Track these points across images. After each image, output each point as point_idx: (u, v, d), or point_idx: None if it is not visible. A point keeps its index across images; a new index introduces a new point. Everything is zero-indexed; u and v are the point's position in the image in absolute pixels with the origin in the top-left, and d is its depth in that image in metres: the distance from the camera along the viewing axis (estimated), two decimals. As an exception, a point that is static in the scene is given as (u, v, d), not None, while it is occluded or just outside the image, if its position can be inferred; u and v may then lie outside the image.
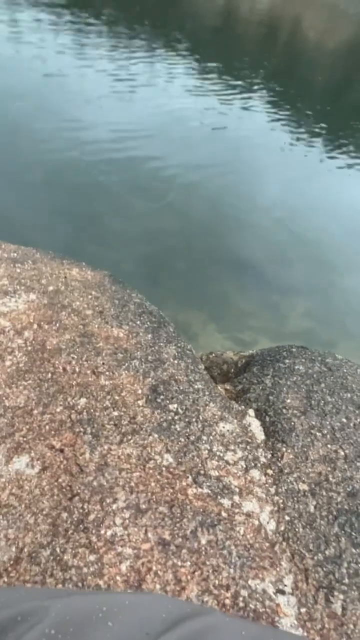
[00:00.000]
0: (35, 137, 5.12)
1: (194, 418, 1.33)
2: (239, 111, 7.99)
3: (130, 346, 1.65)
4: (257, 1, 19.22)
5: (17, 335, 1.57)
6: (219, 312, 4.18)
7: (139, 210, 4.81)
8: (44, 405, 1.27)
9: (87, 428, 1.21)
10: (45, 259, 2.24)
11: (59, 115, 5.70)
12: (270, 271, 4.82)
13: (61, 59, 6.98)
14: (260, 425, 1.42)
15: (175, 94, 7.62)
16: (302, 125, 8.49)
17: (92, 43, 7.90)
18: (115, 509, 1.01)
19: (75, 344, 1.58)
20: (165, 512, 1.02)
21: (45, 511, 0.99)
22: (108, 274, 2.28)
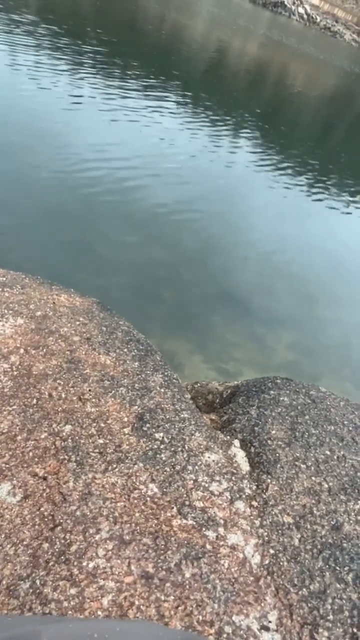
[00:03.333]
0: (25, 165, 5.22)
1: (180, 447, 1.33)
2: (227, 149, 8.32)
3: (117, 373, 1.65)
4: (245, 50, 20.37)
5: (3, 359, 1.56)
6: (205, 343, 4.20)
7: (129, 240, 4.88)
8: (28, 431, 1.25)
9: (71, 455, 1.20)
10: (34, 284, 2.25)
11: (50, 145, 5.84)
12: (256, 303, 4.91)
13: (56, 92, 7.22)
14: (246, 456, 1.42)
15: (167, 130, 7.91)
16: (288, 164, 8.87)
17: (88, 80, 8.21)
18: (98, 540, 0.99)
19: (61, 369, 1.58)
20: (150, 543, 1.00)
21: (26, 541, 0.96)
22: (96, 301, 2.30)
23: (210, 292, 4.77)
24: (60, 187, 5.13)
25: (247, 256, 5.54)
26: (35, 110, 6.53)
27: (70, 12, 13.07)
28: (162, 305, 4.33)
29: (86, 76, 8.42)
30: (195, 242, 5.37)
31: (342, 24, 45.67)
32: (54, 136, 6.09)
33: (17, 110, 6.31)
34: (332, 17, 45.40)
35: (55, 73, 7.86)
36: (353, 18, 46.29)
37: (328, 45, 36.58)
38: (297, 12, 42.09)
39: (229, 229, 5.93)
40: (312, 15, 43.14)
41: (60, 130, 6.35)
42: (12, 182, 4.86)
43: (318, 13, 43.92)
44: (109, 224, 4.95)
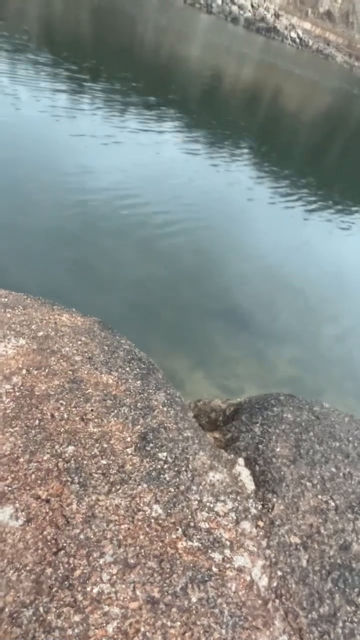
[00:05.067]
0: (26, 188, 5.30)
1: (184, 467, 1.31)
2: (225, 168, 8.47)
3: (120, 393, 1.64)
4: (240, 73, 20.92)
5: (5, 380, 1.56)
6: (206, 359, 4.20)
7: (129, 259, 4.93)
8: (30, 453, 1.24)
9: (74, 477, 1.18)
10: (35, 304, 2.26)
11: (50, 168, 5.94)
12: (256, 319, 4.92)
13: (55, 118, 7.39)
14: (250, 475, 1.40)
15: (164, 152, 8.06)
16: (285, 182, 9.01)
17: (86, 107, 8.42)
18: (102, 564, 0.97)
19: (64, 390, 1.57)
20: (155, 567, 0.99)
21: (29, 567, 0.95)
22: (98, 320, 2.31)
23: (210, 308, 4.78)
24: (60, 209, 5.20)
25: (247, 272, 5.58)
26: (35, 135, 6.67)
27: (69, 41, 13.48)
28: (162, 322, 4.34)
29: (85, 103, 8.63)
30: (194, 260, 5.41)
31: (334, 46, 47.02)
32: (53, 160, 6.21)
33: (16, 136, 6.45)
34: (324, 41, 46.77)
35: (54, 100, 8.06)
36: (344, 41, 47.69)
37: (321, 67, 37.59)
38: (289, 36, 43.38)
39: (228, 246, 5.98)
40: (304, 39, 44.45)
41: (59, 154, 6.48)
42: (13, 205, 4.94)
43: (310, 37, 45.27)
44: (109, 244, 5.00)
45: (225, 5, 40.81)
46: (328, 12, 48.36)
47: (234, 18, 41.06)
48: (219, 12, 40.58)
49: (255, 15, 41.95)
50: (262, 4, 42.74)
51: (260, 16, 42.12)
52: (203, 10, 39.85)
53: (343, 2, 49.58)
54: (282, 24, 43.48)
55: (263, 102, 17.32)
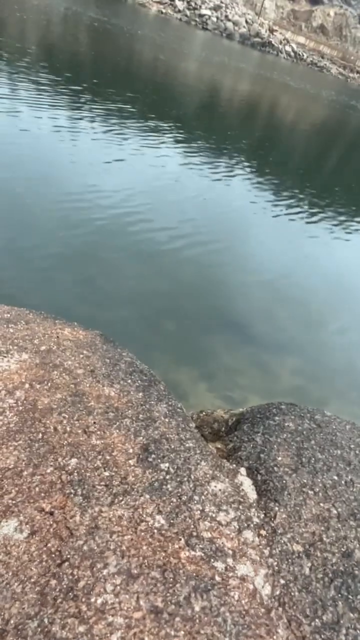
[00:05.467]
0: (30, 204, 5.39)
1: (186, 477, 1.32)
2: (224, 182, 8.57)
3: (122, 405, 1.66)
4: (237, 87, 21.28)
5: (9, 395, 1.58)
6: (209, 371, 4.20)
7: (130, 273, 4.97)
8: (34, 466, 1.26)
9: (77, 489, 1.20)
10: (38, 319, 2.29)
11: (51, 185, 6.04)
12: (259, 330, 4.94)
13: (55, 138, 7.53)
14: (252, 484, 1.41)
15: (164, 168, 8.18)
16: (284, 193, 9.10)
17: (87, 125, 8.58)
18: (106, 575, 0.98)
19: (66, 403, 1.59)
20: (158, 577, 1.00)
21: (34, 579, 0.96)
22: (99, 334, 2.33)
23: (212, 320, 4.80)
24: (62, 227, 5.27)
25: (248, 284, 5.61)
26: (37, 154, 6.79)
27: (69, 60, 13.78)
28: (165, 335, 4.36)
29: (86, 121, 8.79)
30: (196, 273, 5.45)
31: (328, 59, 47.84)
32: (55, 178, 6.31)
33: (19, 155, 6.57)
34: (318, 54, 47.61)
35: (56, 119, 8.22)
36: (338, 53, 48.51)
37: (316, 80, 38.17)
38: (284, 50, 44.18)
39: (229, 258, 6.03)
40: (298, 52, 45.25)
41: (61, 172, 6.59)
42: (15, 223, 5.01)
43: (304, 50, 46.09)
44: (111, 259, 5.06)
45: (220, 22, 41.71)
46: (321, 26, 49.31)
47: (229, 34, 41.90)
48: (214, 28, 41.45)
49: (250, 30, 42.82)
50: (256, 20, 43.66)
51: (255, 31, 42.98)
52: (199, 27, 40.73)
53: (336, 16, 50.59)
54: (277, 38, 44.33)
55: (261, 115, 17.58)
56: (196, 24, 40.83)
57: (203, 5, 41.47)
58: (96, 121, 8.89)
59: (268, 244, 6.87)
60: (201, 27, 40.77)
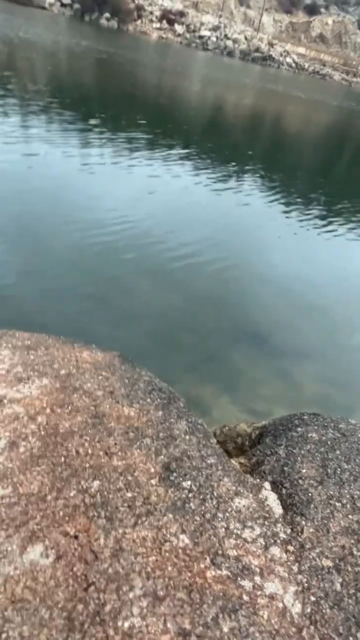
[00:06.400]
0: (42, 231, 5.54)
1: (209, 495, 1.31)
2: (234, 194, 8.64)
3: (142, 424, 1.67)
4: (241, 101, 21.59)
5: (31, 420, 1.61)
6: (231, 384, 4.17)
7: (145, 290, 5.03)
8: (57, 490, 1.27)
9: (101, 512, 1.21)
10: (57, 343, 2.33)
11: (63, 208, 6.21)
12: (279, 339, 4.89)
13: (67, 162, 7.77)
14: (277, 499, 1.39)
15: (173, 183, 8.32)
16: (295, 201, 9.09)
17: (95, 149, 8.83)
18: (132, 598, 0.98)
19: (87, 425, 1.61)
20: (184, 598, 0.99)
21: (61, 604, 0.96)
22: (117, 354, 2.36)
23: (230, 332, 4.79)
24: (76, 248, 5.39)
25: (266, 294, 5.59)
26: (49, 178, 7.01)
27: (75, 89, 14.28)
28: (183, 350, 4.36)
29: (94, 145, 9.05)
30: (211, 286, 5.47)
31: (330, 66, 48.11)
32: (66, 200, 6.49)
33: (33, 179, 6.79)
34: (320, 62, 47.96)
35: (65, 144, 8.49)
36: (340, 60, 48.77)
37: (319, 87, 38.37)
38: (285, 62, 44.71)
39: (244, 269, 6.03)
40: (299, 63, 45.71)
41: (71, 194, 6.78)
42: (30, 250, 5.15)
43: (305, 60, 46.53)
44: (125, 278, 5.13)
45: (220, 41, 42.63)
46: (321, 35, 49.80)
47: (229, 52, 42.75)
48: (215, 47, 42.38)
49: (250, 46, 43.59)
50: (255, 36, 44.47)
51: (255, 47, 43.73)
52: (199, 48, 41.71)
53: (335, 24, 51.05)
54: (277, 51, 44.97)
55: (266, 127, 17.74)
56: (196, 46, 41.86)
57: (202, 27, 42.56)
58: (105, 146, 9.14)
59: (283, 252, 6.85)
60: (202, 48, 41.76)
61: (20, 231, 5.40)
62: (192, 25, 42.58)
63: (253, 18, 47.18)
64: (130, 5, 39.19)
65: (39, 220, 5.75)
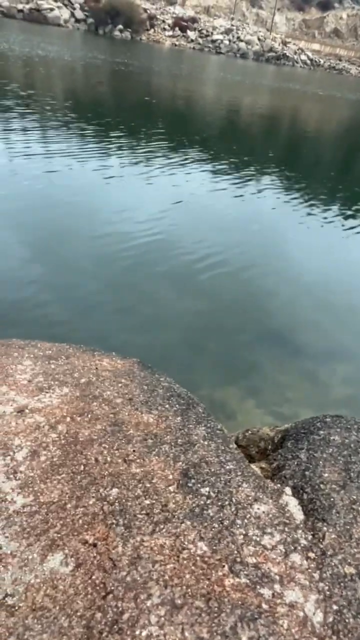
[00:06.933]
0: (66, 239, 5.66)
1: (227, 501, 1.30)
2: (254, 195, 8.59)
3: (160, 431, 1.67)
4: (257, 102, 21.48)
5: (51, 429, 1.64)
6: (255, 387, 4.13)
7: (166, 295, 5.05)
8: (77, 498, 1.29)
9: (119, 519, 1.21)
10: (77, 352, 2.37)
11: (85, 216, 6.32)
12: (303, 340, 4.81)
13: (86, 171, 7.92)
14: (298, 504, 1.36)
15: (192, 188, 8.34)
16: (316, 199, 8.96)
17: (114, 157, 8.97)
18: (150, 606, 0.98)
19: (106, 433, 1.63)
20: (202, 606, 0.98)
21: (80, 612, 0.97)
22: (137, 361, 2.37)
23: (254, 335, 4.75)
24: (96, 258, 5.48)
25: (288, 295, 5.53)
26: (72, 192, 7.16)
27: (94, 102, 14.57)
28: (206, 355, 4.35)
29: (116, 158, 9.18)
30: (232, 288, 5.45)
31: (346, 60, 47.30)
32: (89, 213, 6.61)
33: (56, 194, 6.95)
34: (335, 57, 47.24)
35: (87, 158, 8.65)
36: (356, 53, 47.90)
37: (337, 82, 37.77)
38: (299, 59, 44.27)
39: (266, 271, 5.98)
40: (315, 59, 45.16)
41: (92, 203, 6.90)
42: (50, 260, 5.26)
43: (320, 56, 45.95)
44: (146, 284, 5.17)
45: (233, 43, 42.65)
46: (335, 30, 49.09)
47: (243, 54, 42.69)
48: (228, 50, 42.41)
49: (264, 47, 43.41)
50: (268, 36, 44.26)
51: (269, 47, 43.51)
52: (212, 52, 41.84)
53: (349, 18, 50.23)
54: (291, 49, 44.60)
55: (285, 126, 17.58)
56: (209, 50, 42.02)
57: (214, 31, 42.71)
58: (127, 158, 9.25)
59: (305, 252, 6.75)
60: (215, 52, 41.89)
61: (45, 245, 5.53)
62: (204, 30, 42.79)
63: (265, 18, 47.00)
64: (142, 15, 39.77)
65: (62, 233, 5.87)
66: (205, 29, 42.79)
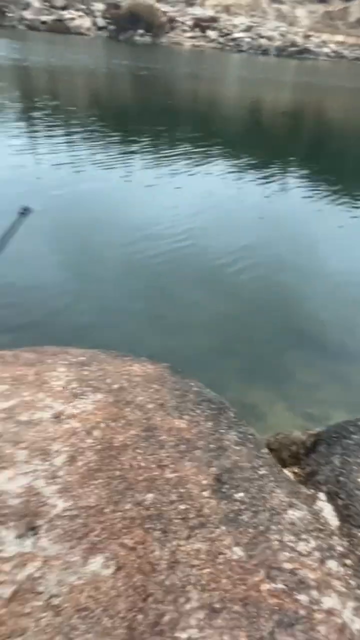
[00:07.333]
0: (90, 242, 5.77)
1: (261, 507, 1.32)
2: (279, 194, 8.51)
3: (192, 436, 1.70)
4: (279, 99, 21.23)
5: (87, 435, 1.69)
6: (286, 389, 4.10)
7: (193, 299, 5.07)
8: (114, 503, 1.34)
9: (156, 524, 1.25)
10: (109, 358, 2.42)
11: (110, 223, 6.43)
12: (333, 341, 4.74)
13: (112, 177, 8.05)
14: (333, 510, 1.36)
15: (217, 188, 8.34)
16: (344, 197, 8.77)
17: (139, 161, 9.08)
18: (189, 609, 1.01)
19: (140, 438, 1.67)
20: (240, 611, 1.00)
21: (122, 614, 1.01)
22: (167, 366, 2.41)
23: (282, 336, 4.71)
24: (123, 263, 5.56)
25: (315, 293, 5.45)
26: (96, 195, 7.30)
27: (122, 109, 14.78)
28: (235, 357, 4.35)
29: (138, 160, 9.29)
30: (259, 289, 5.42)
31: (372, 50, 45.95)
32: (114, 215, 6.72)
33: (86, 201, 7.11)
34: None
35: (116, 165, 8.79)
36: (382, 42, 46.50)
37: (362, 73, 36.78)
38: (322, 52, 43.40)
39: (294, 272, 5.91)
40: (338, 51, 44.17)
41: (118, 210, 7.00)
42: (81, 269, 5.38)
43: (344, 47, 44.88)
44: (174, 288, 5.21)
45: (254, 40, 42.25)
46: None
47: (264, 50, 42.25)
48: (249, 48, 42.06)
49: (285, 42, 42.81)
50: (290, 31, 43.63)
51: (290, 41, 42.88)
52: (233, 50, 41.59)
53: (374, 6, 48.78)
54: (313, 42, 43.80)
55: (309, 123, 17.30)
56: (230, 48, 41.80)
57: (235, 30, 42.46)
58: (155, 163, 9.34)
59: (334, 252, 6.63)
60: (236, 50, 41.64)
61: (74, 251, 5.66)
62: (224, 29, 42.62)
63: (287, 13, 46.35)
64: (162, 18, 40.01)
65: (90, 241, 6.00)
66: (226, 28, 42.60)
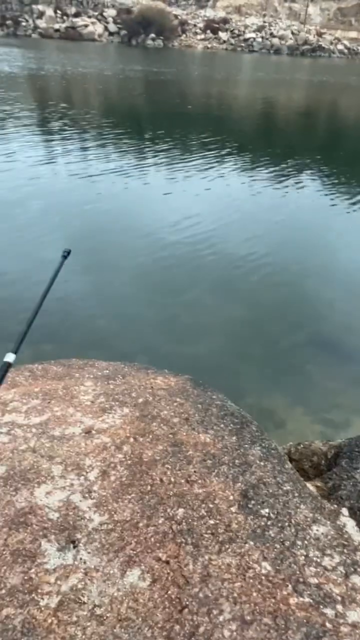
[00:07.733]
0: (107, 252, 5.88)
1: (287, 522, 1.39)
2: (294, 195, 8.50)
3: (217, 451, 1.77)
4: (292, 98, 21.12)
5: (117, 450, 1.78)
6: (305, 394, 4.12)
7: (210, 305, 5.13)
8: (147, 517, 1.42)
9: (187, 538, 1.33)
10: (132, 371, 2.51)
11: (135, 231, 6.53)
12: (351, 344, 4.74)
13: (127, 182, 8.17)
14: (356, 525, 1.42)
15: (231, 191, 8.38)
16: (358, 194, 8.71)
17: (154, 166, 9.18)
18: (222, 621, 1.09)
19: (167, 453, 1.75)
20: (270, 623, 1.07)
21: (160, 624, 1.09)
22: (189, 378, 2.48)
23: (300, 341, 4.73)
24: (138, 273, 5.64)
25: (332, 297, 5.45)
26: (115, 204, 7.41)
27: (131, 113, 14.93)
28: (253, 363, 4.39)
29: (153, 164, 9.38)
30: (276, 293, 5.44)
31: (387, 46, 45.31)
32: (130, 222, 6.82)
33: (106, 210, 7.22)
34: (375, 43, 45.38)
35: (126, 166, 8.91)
36: None
37: (376, 70, 36.27)
38: (336, 50, 42.96)
39: (311, 274, 5.91)
40: (352, 48, 43.66)
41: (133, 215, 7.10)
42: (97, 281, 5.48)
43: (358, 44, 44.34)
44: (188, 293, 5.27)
45: (266, 40, 42.08)
46: (374, 15, 47.19)
47: (276, 49, 42.03)
48: (261, 48, 41.90)
49: (298, 40, 42.53)
50: (302, 29, 43.32)
51: (303, 40, 42.58)
52: (245, 51, 41.49)
53: (388, 1, 48.07)
54: (327, 40, 43.40)
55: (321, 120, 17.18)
56: (242, 49, 41.71)
57: (246, 30, 42.35)
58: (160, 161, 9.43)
59: (352, 253, 6.60)
60: (248, 51, 41.54)
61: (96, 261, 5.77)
62: (236, 30, 42.57)
63: (299, 11, 46.06)
64: (173, 22, 40.17)
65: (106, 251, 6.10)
66: (237, 29, 42.55)
